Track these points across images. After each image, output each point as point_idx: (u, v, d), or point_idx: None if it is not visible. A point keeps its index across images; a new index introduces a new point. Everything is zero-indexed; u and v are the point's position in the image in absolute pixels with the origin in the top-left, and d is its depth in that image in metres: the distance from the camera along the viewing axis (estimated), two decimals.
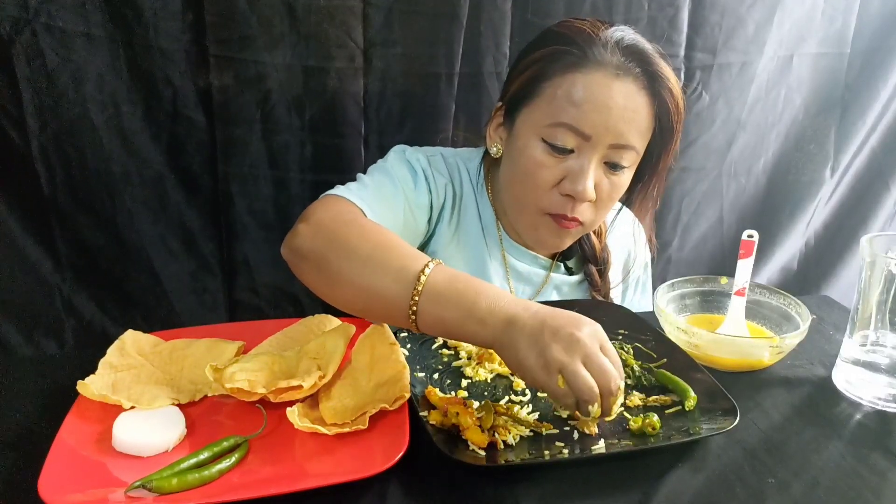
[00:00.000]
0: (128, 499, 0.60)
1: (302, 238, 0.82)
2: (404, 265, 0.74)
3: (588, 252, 1.10)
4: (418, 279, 0.72)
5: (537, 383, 0.68)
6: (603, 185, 0.94)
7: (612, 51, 0.90)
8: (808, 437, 0.76)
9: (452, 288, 0.72)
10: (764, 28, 1.36)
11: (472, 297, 0.71)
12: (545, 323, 0.67)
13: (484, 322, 0.70)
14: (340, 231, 0.81)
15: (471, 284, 0.72)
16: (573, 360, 0.66)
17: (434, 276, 0.73)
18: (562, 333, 0.66)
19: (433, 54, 1.20)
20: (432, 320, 0.72)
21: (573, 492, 0.66)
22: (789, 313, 0.95)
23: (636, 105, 0.91)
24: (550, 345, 0.66)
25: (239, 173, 1.21)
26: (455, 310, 0.71)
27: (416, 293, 0.72)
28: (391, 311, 0.74)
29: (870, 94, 1.46)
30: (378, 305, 0.76)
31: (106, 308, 1.23)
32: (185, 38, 1.10)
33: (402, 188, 0.97)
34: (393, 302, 0.73)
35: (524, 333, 0.67)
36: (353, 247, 0.78)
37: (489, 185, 1.07)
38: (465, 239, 1.05)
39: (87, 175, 1.13)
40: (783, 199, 1.54)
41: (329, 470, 0.66)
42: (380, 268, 0.75)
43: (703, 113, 1.40)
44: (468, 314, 0.70)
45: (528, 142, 0.94)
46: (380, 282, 0.74)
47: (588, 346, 0.66)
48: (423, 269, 0.73)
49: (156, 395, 0.74)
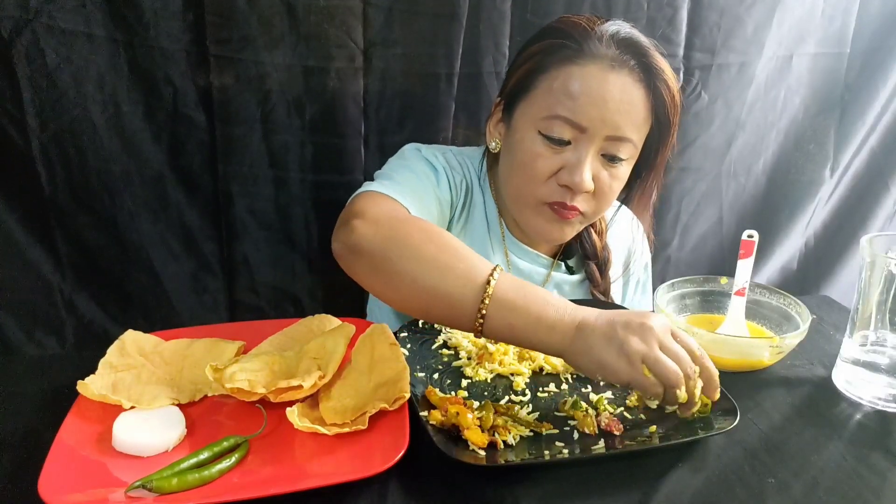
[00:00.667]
0: (128, 499, 0.60)
1: (360, 235, 0.80)
2: (471, 269, 0.74)
3: (589, 250, 1.11)
4: (487, 283, 0.73)
5: (623, 379, 0.69)
6: (602, 176, 0.94)
7: (608, 44, 0.90)
8: (808, 437, 0.76)
9: (521, 295, 0.73)
10: (763, 28, 1.36)
11: (541, 304, 0.72)
12: (614, 321, 0.70)
13: (553, 329, 0.71)
14: (400, 229, 0.80)
15: (538, 293, 0.74)
16: (652, 348, 0.68)
17: (502, 283, 0.73)
18: (633, 325, 0.69)
19: (433, 54, 1.20)
20: (500, 326, 0.73)
21: (573, 492, 0.66)
22: (789, 313, 0.95)
23: (632, 97, 0.91)
24: (627, 338, 0.68)
25: (239, 173, 1.21)
26: (524, 317, 0.72)
27: (485, 297, 0.72)
28: (456, 315, 0.75)
29: (869, 94, 1.46)
30: (441, 308, 0.76)
31: (106, 308, 1.23)
32: (186, 38, 1.10)
33: (430, 185, 0.98)
34: (459, 306, 0.74)
35: (596, 335, 0.69)
36: (416, 246, 0.77)
37: (491, 183, 1.08)
38: (472, 236, 1.06)
39: (87, 175, 1.13)
40: (783, 199, 1.54)
41: (329, 470, 0.66)
42: (446, 270, 0.75)
43: (702, 113, 1.40)
44: (538, 322, 0.71)
45: (525, 134, 0.95)
46: (446, 285, 0.74)
47: (660, 333, 0.69)
48: (492, 274, 0.73)
49: (156, 395, 0.74)
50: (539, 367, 0.86)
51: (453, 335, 0.90)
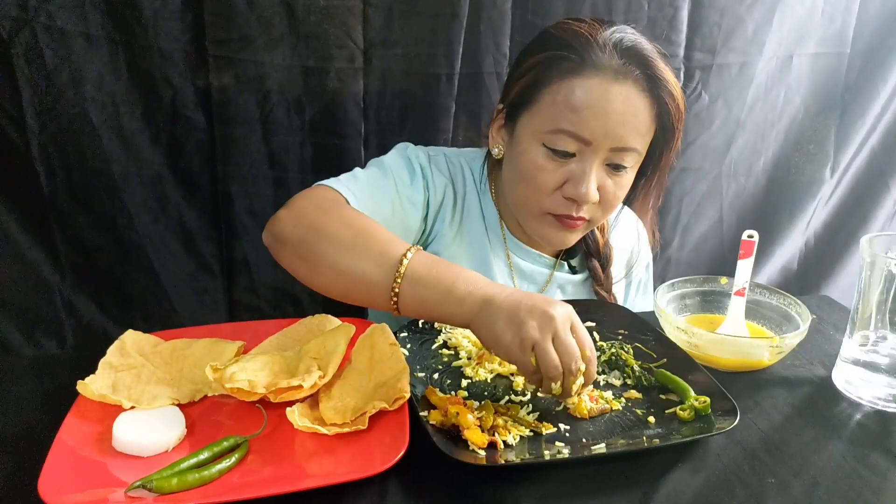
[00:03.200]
0: (128, 499, 0.60)
1: (283, 224, 0.85)
2: (385, 250, 0.78)
3: (591, 247, 1.11)
4: (400, 263, 0.76)
5: (511, 359, 0.72)
6: (606, 185, 0.94)
7: (611, 54, 0.89)
8: (808, 437, 0.76)
9: (433, 271, 0.76)
10: (763, 28, 1.36)
11: (451, 279, 0.75)
12: (521, 302, 0.72)
13: (462, 302, 0.74)
14: (320, 217, 0.83)
15: (451, 268, 0.77)
16: (545, 338, 0.70)
17: (415, 261, 0.76)
18: (536, 311, 0.71)
19: (433, 54, 1.20)
20: (413, 302, 0.76)
21: (573, 492, 0.66)
22: (789, 313, 0.95)
23: (636, 108, 0.90)
24: (526, 321, 0.70)
25: (239, 173, 1.21)
26: (435, 291, 0.75)
27: (398, 276, 0.76)
28: (373, 295, 0.78)
29: (870, 94, 1.46)
30: (360, 289, 0.79)
31: (106, 308, 1.23)
32: (185, 39, 1.10)
33: (395, 182, 0.98)
34: (375, 285, 0.77)
35: (501, 312, 0.72)
36: (334, 233, 0.81)
37: (492, 185, 1.07)
38: (469, 238, 1.05)
39: (87, 175, 1.13)
40: (783, 198, 1.54)
41: (329, 470, 0.66)
42: (361, 253, 0.79)
43: (702, 113, 1.40)
44: (447, 295, 0.75)
45: (528, 146, 0.94)
46: (361, 266, 0.78)
47: (559, 324, 0.71)
48: (405, 254, 0.77)
49: (156, 395, 0.74)
50: None
51: (453, 335, 0.90)
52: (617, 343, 0.89)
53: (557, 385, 0.71)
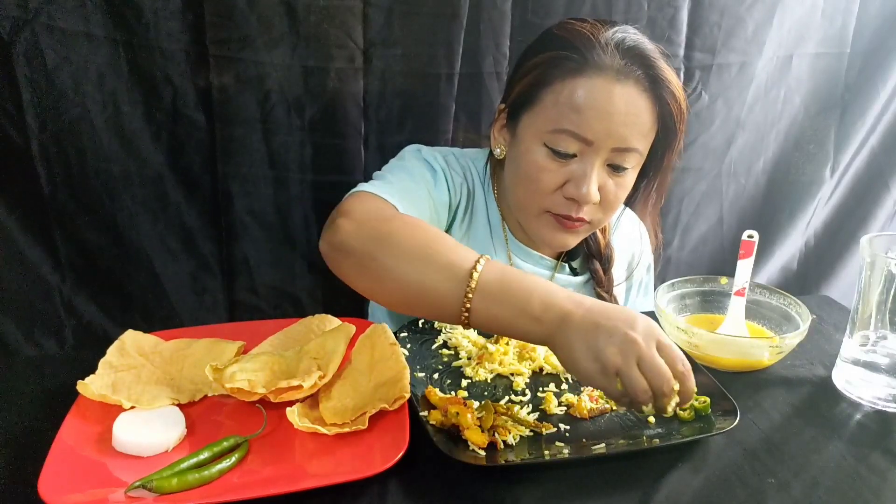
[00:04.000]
0: (128, 499, 0.60)
1: (344, 234, 0.80)
2: (454, 262, 0.74)
3: (593, 248, 1.10)
4: (471, 276, 0.72)
5: (594, 385, 0.69)
6: (608, 186, 0.94)
7: (613, 54, 0.89)
8: (808, 437, 0.76)
9: (505, 285, 0.72)
10: (763, 28, 1.36)
11: (525, 294, 0.71)
12: (599, 324, 0.68)
13: (539, 320, 0.70)
14: (384, 227, 0.80)
15: (524, 281, 0.73)
16: (629, 364, 0.66)
17: (486, 273, 0.73)
18: (616, 335, 0.67)
19: (433, 54, 1.20)
20: (485, 317, 0.73)
21: (573, 492, 0.66)
22: (789, 313, 0.95)
23: (638, 108, 0.90)
24: (606, 348, 0.66)
25: (239, 173, 1.20)
26: (509, 307, 0.71)
27: (469, 290, 0.72)
28: (442, 309, 0.74)
29: (870, 94, 1.46)
30: (427, 302, 0.76)
31: (106, 308, 1.22)
32: (185, 38, 1.10)
33: (425, 186, 0.97)
34: (444, 299, 0.73)
35: (579, 335, 0.68)
36: (400, 243, 0.77)
37: (495, 186, 1.07)
38: (475, 239, 1.05)
39: (87, 175, 1.13)
40: (783, 199, 1.54)
41: (329, 470, 0.66)
42: (429, 265, 0.75)
43: (702, 113, 1.40)
44: (522, 312, 0.71)
45: (530, 146, 0.94)
46: (430, 279, 0.74)
47: (643, 346, 0.66)
48: (475, 266, 0.73)
49: (156, 395, 0.74)
50: (539, 367, 0.86)
51: (453, 335, 0.90)
52: None
53: (649, 408, 0.68)
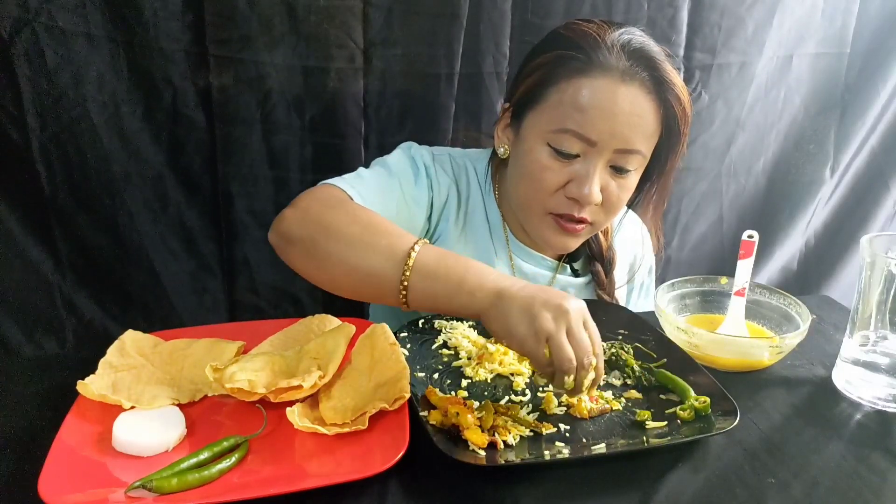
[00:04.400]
0: (128, 499, 0.60)
1: (289, 222, 0.84)
2: (393, 244, 0.77)
3: (595, 250, 1.10)
4: (408, 256, 0.76)
5: (525, 351, 0.72)
6: (610, 188, 0.94)
7: (618, 55, 0.89)
8: (808, 437, 0.76)
9: (442, 263, 0.76)
10: (763, 28, 1.36)
11: (461, 271, 0.75)
12: (535, 296, 0.71)
13: (473, 294, 0.73)
14: (327, 214, 0.83)
15: (459, 260, 0.76)
16: (560, 331, 0.70)
17: (423, 253, 0.76)
18: (551, 304, 0.71)
19: (433, 54, 1.20)
20: (423, 296, 0.76)
21: (573, 492, 0.66)
22: (789, 313, 0.95)
23: (642, 110, 0.90)
24: (541, 313, 0.70)
25: (239, 173, 1.21)
26: (445, 284, 0.75)
27: (406, 269, 0.75)
28: (382, 290, 0.77)
29: (870, 94, 1.46)
30: (369, 285, 0.79)
31: (106, 308, 1.23)
32: (185, 39, 1.10)
33: (399, 181, 0.98)
34: (384, 280, 0.77)
35: (515, 303, 0.71)
36: (341, 229, 0.80)
37: (496, 187, 1.07)
38: (473, 239, 1.05)
39: (87, 175, 1.13)
40: (783, 199, 1.54)
41: (329, 470, 0.66)
42: (369, 248, 0.78)
43: (702, 113, 1.40)
44: (458, 287, 0.74)
45: (533, 145, 0.94)
46: (370, 261, 0.77)
47: (573, 318, 0.71)
48: (413, 247, 0.76)
49: (156, 395, 0.74)
50: None
51: (453, 335, 0.90)
52: (617, 343, 0.89)
53: (570, 379, 0.71)
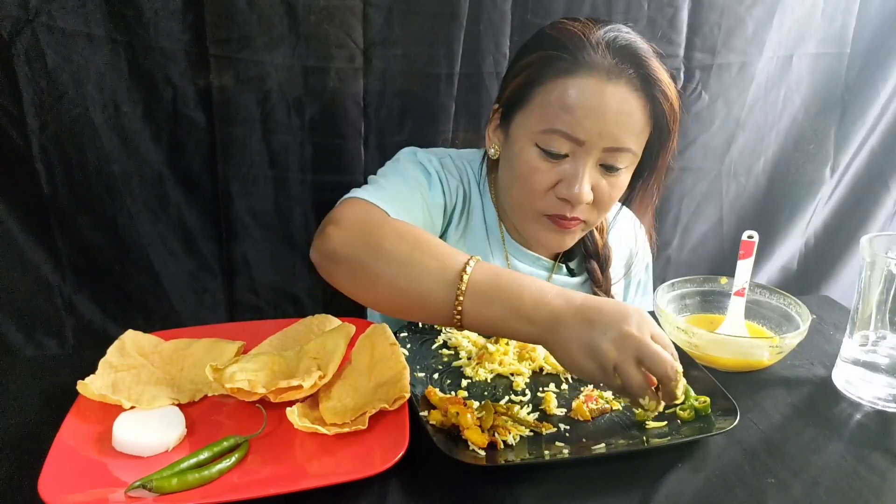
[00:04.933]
0: (128, 499, 0.60)
1: (334, 242, 0.80)
2: (445, 265, 0.74)
3: (590, 248, 1.10)
4: (461, 279, 0.72)
5: (593, 380, 0.71)
6: (601, 186, 0.94)
7: (604, 53, 0.88)
8: (808, 437, 0.76)
9: (495, 285, 0.72)
10: (763, 28, 1.36)
11: (516, 294, 0.71)
12: (592, 321, 0.68)
13: (531, 320, 0.71)
14: (374, 233, 0.79)
15: (514, 280, 0.73)
16: (625, 359, 0.67)
17: (476, 275, 0.73)
18: (611, 331, 0.67)
19: (433, 54, 1.20)
20: (477, 319, 0.73)
21: (573, 492, 0.66)
22: (789, 313, 0.95)
23: (630, 108, 0.90)
24: (601, 344, 0.67)
25: (239, 173, 1.20)
26: (500, 308, 0.72)
27: (459, 293, 0.72)
28: (434, 312, 0.74)
29: (869, 94, 1.46)
30: (420, 307, 0.76)
31: (106, 308, 1.22)
32: (185, 38, 1.10)
33: (419, 189, 0.97)
34: (436, 303, 0.73)
35: (573, 333, 0.69)
36: (390, 248, 0.77)
37: (491, 187, 1.07)
38: (471, 241, 1.05)
39: (87, 175, 1.13)
40: (783, 199, 1.54)
41: (329, 470, 0.66)
42: (419, 269, 0.75)
43: (702, 113, 1.40)
44: (513, 312, 0.71)
45: (522, 146, 0.94)
46: (420, 284, 0.74)
47: (639, 338, 0.67)
48: (465, 268, 0.73)
49: (156, 395, 0.74)
50: (539, 367, 0.86)
51: (453, 335, 0.90)
52: None
53: (647, 400, 0.69)
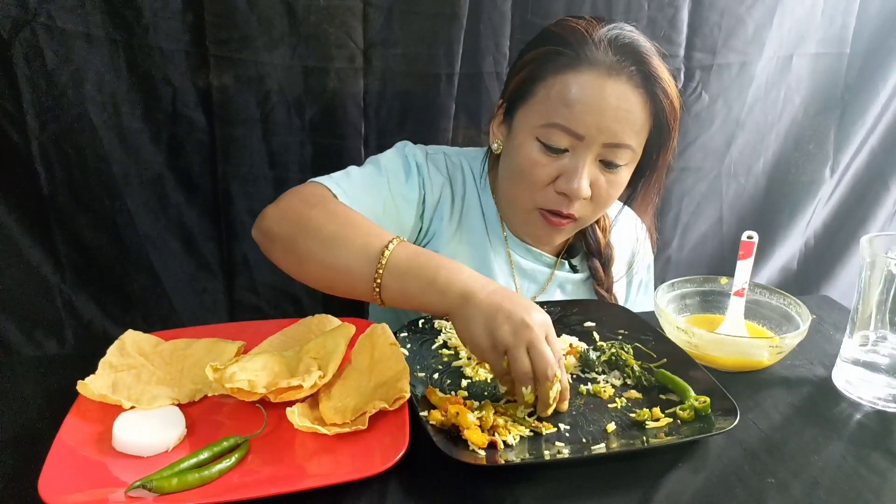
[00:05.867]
0: (128, 499, 0.60)
1: (270, 220, 0.87)
2: (368, 242, 0.80)
3: (592, 246, 1.11)
4: (382, 254, 0.78)
5: (484, 359, 0.75)
6: (599, 182, 0.95)
7: (605, 50, 0.90)
8: (808, 437, 0.76)
9: (414, 262, 0.78)
10: (763, 28, 1.36)
11: (433, 270, 0.77)
12: (500, 306, 0.73)
13: (443, 293, 0.75)
14: (306, 212, 0.85)
15: (432, 259, 0.78)
16: (518, 345, 0.72)
17: (397, 252, 0.78)
18: (514, 318, 0.72)
19: (433, 54, 1.20)
20: (396, 293, 0.78)
21: (573, 492, 0.66)
22: (789, 313, 0.95)
23: (630, 104, 0.91)
24: (502, 326, 0.72)
25: (239, 173, 1.21)
26: (416, 282, 0.77)
27: (379, 267, 0.77)
28: (357, 286, 0.80)
29: (869, 94, 1.46)
30: (344, 281, 0.82)
31: (106, 308, 1.23)
32: (185, 39, 1.10)
33: (389, 180, 0.99)
34: (358, 277, 0.79)
35: (480, 311, 0.73)
36: (319, 227, 0.83)
37: (493, 183, 1.08)
38: (469, 237, 1.06)
39: (87, 175, 1.13)
40: (783, 199, 1.54)
41: (329, 470, 0.66)
42: (344, 246, 0.80)
43: (702, 113, 1.40)
44: (429, 285, 0.76)
45: (524, 141, 0.95)
46: (345, 260, 0.80)
47: (535, 332, 0.72)
48: (387, 246, 0.78)
49: (156, 395, 0.74)
50: None
51: (453, 335, 0.90)
52: (617, 343, 0.89)
53: (528, 391, 0.72)
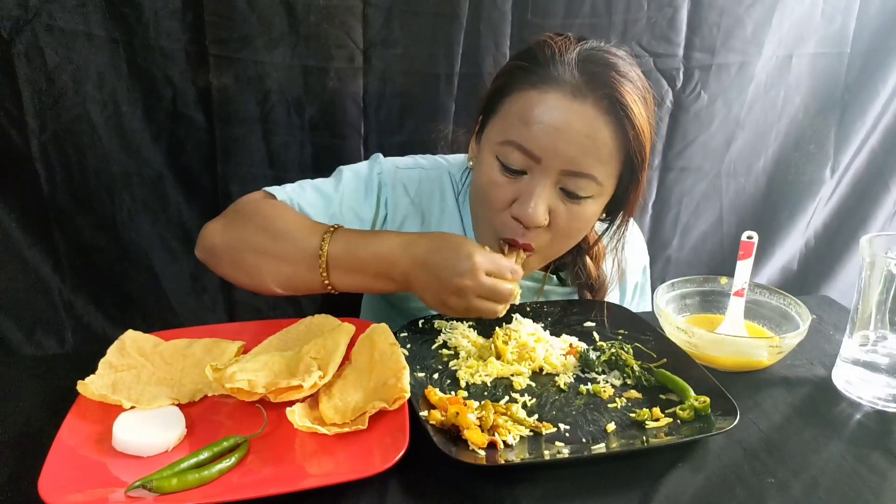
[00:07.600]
0: (128, 499, 0.60)
1: (210, 236, 0.90)
2: (303, 248, 0.84)
3: (583, 279, 1.05)
4: (318, 257, 0.83)
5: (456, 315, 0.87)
6: (559, 211, 0.87)
7: (573, 70, 0.84)
8: (808, 437, 0.76)
9: (352, 256, 0.83)
10: (763, 28, 1.36)
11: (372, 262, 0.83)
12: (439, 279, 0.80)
13: (391, 279, 0.83)
14: (240, 226, 0.88)
15: (367, 247, 0.83)
16: (468, 301, 0.80)
17: (332, 250, 0.83)
18: (450, 286, 0.80)
19: (433, 54, 1.20)
20: (348, 285, 0.85)
21: (573, 492, 0.66)
22: (789, 313, 0.95)
23: (594, 131, 0.83)
24: (447, 299, 0.81)
25: (239, 173, 1.21)
26: (362, 276, 0.84)
27: (322, 270, 0.83)
28: (313, 288, 0.86)
29: (869, 94, 1.46)
30: (302, 286, 0.87)
31: (105, 308, 1.23)
32: (185, 38, 1.10)
33: (343, 195, 0.98)
34: (309, 281, 0.85)
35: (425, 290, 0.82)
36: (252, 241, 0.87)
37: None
38: None
39: (87, 175, 1.13)
40: (783, 199, 1.54)
41: (329, 470, 0.66)
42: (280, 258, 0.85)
43: (701, 113, 1.40)
44: (375, 277, 0.84)
45: (485, 158, 0.90)
46: (290, 269, 0.85)
47: (471, 286, 0.79)
48: (321, 246, 0.83)
49: (156, 395, 0.74)
50: (539, 367, 0.86)
51: (453, 335, 0.90)
52: (617, 343, 0.89)
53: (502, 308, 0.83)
